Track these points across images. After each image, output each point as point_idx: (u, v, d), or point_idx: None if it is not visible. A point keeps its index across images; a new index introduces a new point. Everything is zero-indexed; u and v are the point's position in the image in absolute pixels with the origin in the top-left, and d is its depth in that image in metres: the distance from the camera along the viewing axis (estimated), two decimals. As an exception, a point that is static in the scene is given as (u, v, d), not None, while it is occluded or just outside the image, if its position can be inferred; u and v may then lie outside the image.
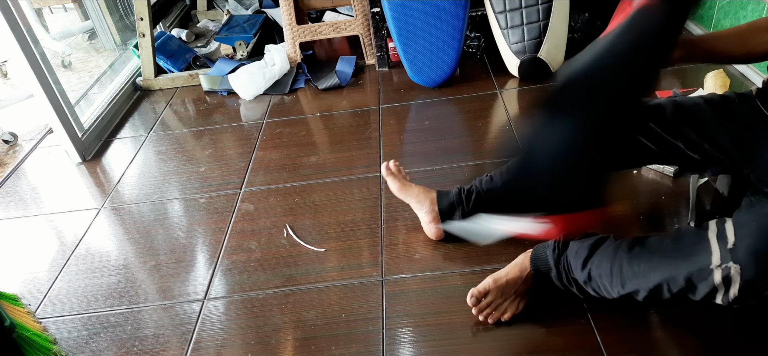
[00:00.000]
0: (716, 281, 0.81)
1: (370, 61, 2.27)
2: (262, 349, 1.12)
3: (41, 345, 1.15)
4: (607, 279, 0.96)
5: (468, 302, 1.09)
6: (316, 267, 1.30)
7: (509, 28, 1.90)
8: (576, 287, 1.05)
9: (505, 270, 1.11)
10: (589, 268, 1.00)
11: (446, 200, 1.27)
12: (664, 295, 0.89)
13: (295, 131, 1.87)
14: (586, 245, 1.02)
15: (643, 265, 0.91)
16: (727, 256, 0.80)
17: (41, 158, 1.95)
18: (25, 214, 1.67)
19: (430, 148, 1.68)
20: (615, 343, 1.03)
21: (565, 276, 1.05)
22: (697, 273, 0.83)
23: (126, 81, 2.28)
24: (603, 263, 0.97)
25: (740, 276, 0.79)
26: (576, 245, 1.04)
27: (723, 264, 0.80)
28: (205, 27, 2.79)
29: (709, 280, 0.82)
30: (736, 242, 0.80)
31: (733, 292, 0.80)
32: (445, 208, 1.27)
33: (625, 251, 0.95)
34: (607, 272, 0.96)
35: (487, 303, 1.09)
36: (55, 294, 1.34)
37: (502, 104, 1.86)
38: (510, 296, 1.09)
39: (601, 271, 0.98)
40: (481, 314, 1.08)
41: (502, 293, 1.09)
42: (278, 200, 1.55)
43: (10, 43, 1.65)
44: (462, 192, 1.27)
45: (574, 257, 1.03)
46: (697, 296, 0.85)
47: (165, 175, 1.74)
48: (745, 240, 0.79)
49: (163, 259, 1.39)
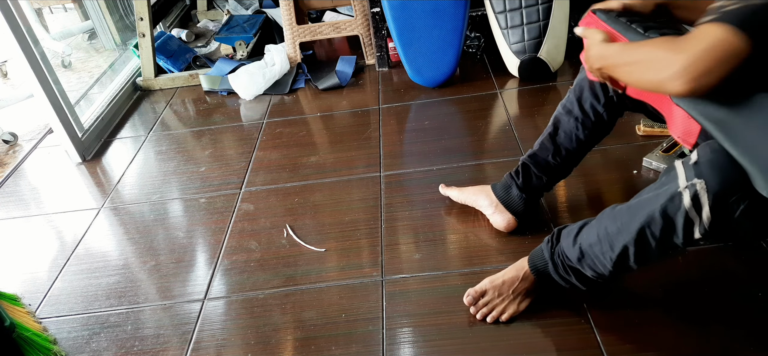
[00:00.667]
0: (686, 203, 0.81)
1: (370, 61, 2.27)
2: (262, 349, 1.12)
3: (41, 345, 1.15)
4: (598, 246, 0.95)
5: (465, 301, 1.10)
6: (316, 267, 1.30)
7: (509, 28, 1.90)
8: (575, 276, 1.03)
9: (502, 271, 1.12)
10: (579, 243, 0.99)
11: (499, 185, 1.30)
12: (650, 244, 0.88)
13: (295, 131, 1.87)
14: (576, 226, 1.02)
15: (625, 217, 0.91)
16: (690, 173, 0.80)
17: (41, 158, 1.95)
18: (25, 214, 1.67)
19: (430, 148, 1.67)
20: (615, 343, 1.03)
21: (562, 265, 1.04)
22: (670, 202, 0.83)
23: (126, 81, 2.28)
24: (590, 232, 0.97)
25: (706, 191, 0.78)
26: (567, 229, 1.05)
27: (688, 182, 0.80)
28: (205, 27, 2.79)
29: (680, 206, 0.82)
30: (698, 160, 0.80)
31: (706, 214, 0.80)
32: (501, 192, 1.29)
33: (607, 215, 0.95)
34: (595, 239, 0.96)
35: (484, 302, 1.09)
36: (55, 294, 1.34)
37: (502, 104, 1.86)
38: (508, 296, 1.09)
39: (590, 240, 0.97)
40: (479, 312, 1.09)
41: (500, 293, 1.09)
42: (278, 200, 1.55)
43: (10, 43, 1.65)
44: (510, 173, 1.29)
45: (566, 239, 1.03)
46: (678, 234, 0.84)
47: (165, 175, 1.74)
48: (706, 156, 0.80)
49: (163, 259, 1.39)
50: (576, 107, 1.18)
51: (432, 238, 1.33)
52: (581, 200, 1.39)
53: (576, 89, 1.18)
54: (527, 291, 1.10)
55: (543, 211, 1.36)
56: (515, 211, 1.28)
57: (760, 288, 1.09)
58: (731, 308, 1.06)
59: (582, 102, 1.17)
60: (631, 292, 1.12)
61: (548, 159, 1.24)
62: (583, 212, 1.35)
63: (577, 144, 1.21)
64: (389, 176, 1.57)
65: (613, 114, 1.18)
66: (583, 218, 1.02)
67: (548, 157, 1.24)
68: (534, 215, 1.32)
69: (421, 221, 1.39)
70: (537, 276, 1.09)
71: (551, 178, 1.27)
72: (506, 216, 1.28)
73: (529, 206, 1.29)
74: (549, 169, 1.25)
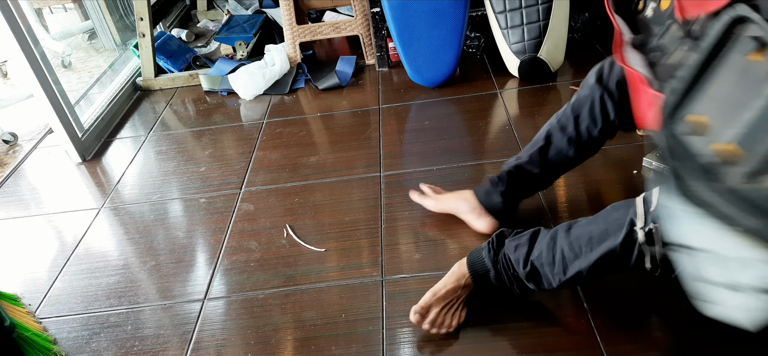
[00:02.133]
0: (640, 240, 0.85)
1: (370, 61, 2.27)
2: (262, 349, 1.12)
3: (41, 345, 1.15)
4: (550, 267, 0.97)
5: (412, 319, 1.07)
6: (316, 267, 1.30)
7: (509, 28, 1.90)
8: (517, 284, 1.05)
9: (443, 281, 1.11)
10: (531, 260, 1.00)
11: (482, 191, 1.30)
12: (602, 270, 0.92)
13: (295, 131, 1.87)
14: (524, 239, 1.03)
15: (584, 246, 0.93)
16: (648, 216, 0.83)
17: (41, 158, 1.95)
18: (25, 214, 1.67)
19: (430, 148, 1.67)
20: (615, 343, 1.03)
21: (505, 274, 1.05)
22: (628, 237, 0.86)
23: (126, 81, 2.28)
24: (544, 253, 0.98)
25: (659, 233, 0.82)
26: (513, 241, 1.05)
27: (646, 226, 0.84)
28: (205, 27, 2.79)
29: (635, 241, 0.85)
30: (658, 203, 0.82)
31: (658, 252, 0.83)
32: (483, 197, 1.29)
33: (563, 238, 0.97)
34: (550, 260, 0.97)
35: (433, 316, 1.08)
36: (55, 294, 1.34)
37: (502, 104, 1.86)
38: (453, 304, 1.09)
39: (543, 260, 0.99)
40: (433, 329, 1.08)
41: (445, 303, 1.08)
42: (278, 200, 1.55)
43: (10, 43, 1.65)
44: (492, 177, 1.29)
45: (514, 253, 1.03)
46: (630, 263, 0.88)
47: (165, 175, 1.74)
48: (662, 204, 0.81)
49: (163, 259, 1.39)
50: (572, 126, 1.18)
51: (432, 238, 1.33)
52: (581, 200, 1.39)
53: (575, 106, 1.18)
54: (467, 297, 1.11)
55: (543, 210, 1.36)
56: (496, 215, 1.29)
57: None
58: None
59: (579, 122, 1.17)
60: (631, 292, 1.12)
61: (534, 171, 1.24)
62: (582, 212, 1.35)
63: (565, 162, 1.22)
64: (389, 176, 1.57)
65: (606, 137, 1.19)
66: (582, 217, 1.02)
67: (534, 169, 1.24)
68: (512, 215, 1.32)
69: (421, 221, 1.39)
70: (477, 281, 1.09)
71: (533, 189, 1.29)
72: (489, 220, 1.29)
73: (509, 211, 1.29)
74: (533, 181, 1.26)
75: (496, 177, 1.28)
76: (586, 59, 2.01)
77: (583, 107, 1.16)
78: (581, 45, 2.10)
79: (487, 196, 1.29)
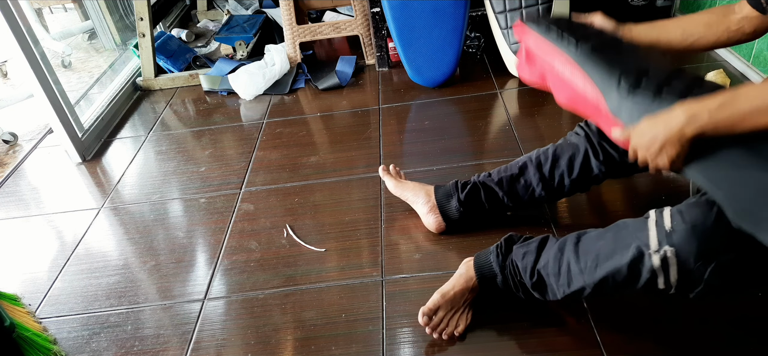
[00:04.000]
0: (655, 264, 0.83)
1: (370, 61, 2.27)
2: (262, 349, 1.12)
3: (41, 345, 1.15)
4: (555, 278, 0.97)
5: (420, 321, 1.06)
6: (316, 267, 1.30)
7: (509, 28, 1.90)
8: (523, 290, 1.05)
9: (451, 282, 1.10)
10: (538, 269, 1.00)
11: (442, 190, 1.30)
12: (608, 288, 0.91)
13: (295, 131, 1.87)
14: (532, 247, 1.02)
15: (589, 262, 0.92)
16: (663, 240, 0.82)
17: (41, 158, 1.95)
18: (25, 214, 1.67)
19: (430, 148, 1.67)
20: (615, 343, 1.03)
21: (512, 280, 1.05)
22: (638, 258, 0.85)
23: (126, 81, 2.28)
24: (550, 264, 0.98)
25: (676, 259, 0.81)
26: (521, 248, 1.04)
27: (660, 248, 0.82)
28: (205, 27, 2.79)
29: (648, 264, 0.84)
30: (673, 227, 0.81)
31: (673, 275, 0.82)
32: (441, 197, 1.29)
33: (571, 250, 0.96)
34: (555, 272, 0.97)
35: (439, 318, 1.07)
36: (55, 294, 1.34)
37: (502, 104, 1.86)
38: (460, 308, 1.09)
39: (548, 271, 0.98)
40: (435, 331, 1.07)
41: (452, 306, 1.08)
42: (278, 200, 1.55)
43: (10, 43, 1.65)
44: (459, 182, 1.29)
45: (521, 260, 1.03)
46: (639, 283, 0.87)
47: (165, 175, 1.74)
48: (680, 225, 0.81)
49: (163, 259, 1.39)
50: (548, 167, 1.20)
51: (432, 238, 1.33)
52: (582, 202, 1.39)
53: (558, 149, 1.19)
54: (474, 300, 1.10)
55: (543, 210, 1.36)
56: (448, 219, 1.30)
57: (760, 288, 1.09)
58: (733, 308, 1.06)
59: (555, 167, 1.19)
60: (631, 292, 1.12)
61: (499, 195, 1.25)
62: (583, 214, 1.35)
63: (532, 198, 1.23)
64: (389, 176, 1.57)
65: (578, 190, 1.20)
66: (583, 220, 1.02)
67: (500, 193, 1.25)
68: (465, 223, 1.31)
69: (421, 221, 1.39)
70: (483, 284, 1.09)
71: (496, 210, 1.28)
72: (439, 219, 1.30)
73: (463, 219, 1.29)
74: (496, 203, 1.26)
75: (461, 184, 1.28)
76: (586, 59, 2.01)
77: (564, 154, 1.18)
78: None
79: (445, 198, 1.29)
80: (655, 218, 0.85)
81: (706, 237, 0.79)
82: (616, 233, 0.91)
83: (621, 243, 0.88)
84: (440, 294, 1.07)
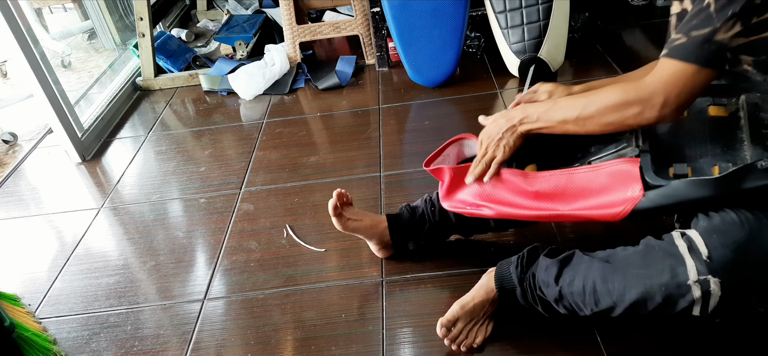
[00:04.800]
0: (696, 295, 0.79)
1: (370, 61, 2.27)
2: (262, 349, 1.12)
3: (41, 345, 1.15)
4: (580, 297, 0.92)
5: (439, 333, 1.04)
6: (316, 267, 1.30)
7: (509, 27, 1.90)
8: (542, 305, 1.00)
9: (471, 293, 1.07)
10: (560, 286, 0.95)
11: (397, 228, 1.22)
12: (641, 312, 0.86)
13: (295, 131, 1.87)
14: (556, 260, 0.98)
15: (617, 284, 0.87)
16: (703, 269, 0.78)
17: (41, 158, 1.95)
18: (25, 214, 1.67)
19: (430, 148, 1.66)
20: (615, 344, 1.02)
21: (531, 294, 1.01)
22: (675, 289, 0.81)
23: (126, 81, 2.28)
24: (575, 281, 0.93)
25: (721, 288, 0.77)
26: (544, 261, 1.00)
27: (700, 278, 0.78)
28: (205, 27, 2.79)
29: (687, 296, 0.80)
30: (710, 254, 0.78)
31: (713, 304, 0.79)
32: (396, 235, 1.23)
33: (597, 269, 0.91)
34: (579, 290, 0.92)
35: (458, 330, 1.05)
36: (55, 294, 1.34)
37: (502, 104, 1.86)
38: (479, 320, 1.06)
39: (572, 289, 0.93)
40: (454, 343, 1.04)
41: (472, 317, 1.05)
42: (278, 200, 1.55)
43: (10, 43, 1.65)
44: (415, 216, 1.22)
45: (544, 274, 0.98)
46: (676, 310, 0.83)
47: (165, 175, 1.74)
48: (718, 251, 0.77)
49: (162, 259, 1.39)
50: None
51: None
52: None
53: None
54: (494, 312, 1.07)
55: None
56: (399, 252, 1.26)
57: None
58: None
59: None
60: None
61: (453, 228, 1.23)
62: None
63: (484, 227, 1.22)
64: (389, 176, 1.57)
65: None
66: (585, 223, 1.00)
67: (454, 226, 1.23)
68: None
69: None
70: (503, 297, 1.05)
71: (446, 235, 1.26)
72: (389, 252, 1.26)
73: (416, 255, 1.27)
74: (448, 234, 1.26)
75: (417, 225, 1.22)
76: (586, 59, 2.01)
77: None
78: (581, 45, 2.10)
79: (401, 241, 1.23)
80: (686, 244, 0.81)
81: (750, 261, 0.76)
82: (644, 257, 0.86)
83: (653, 269, 0.84)
84: (459, 305, 1.05)
